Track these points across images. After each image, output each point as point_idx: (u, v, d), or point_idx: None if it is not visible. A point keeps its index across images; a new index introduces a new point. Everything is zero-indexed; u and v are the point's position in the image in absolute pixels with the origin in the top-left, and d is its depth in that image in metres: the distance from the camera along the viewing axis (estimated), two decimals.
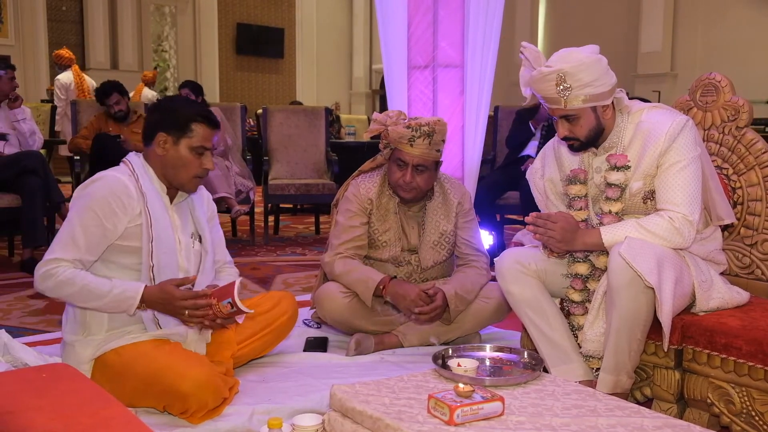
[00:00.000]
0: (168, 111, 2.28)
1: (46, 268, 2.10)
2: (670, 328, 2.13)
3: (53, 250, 2.13)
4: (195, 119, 2.24)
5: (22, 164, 4.35)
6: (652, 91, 9.16)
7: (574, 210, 2.35)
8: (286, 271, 4.50)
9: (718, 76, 2.50)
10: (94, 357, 2.18)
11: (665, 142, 2.17)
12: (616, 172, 2.25)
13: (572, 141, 2.27)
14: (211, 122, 2.28)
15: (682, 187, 2.15)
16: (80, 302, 2.13)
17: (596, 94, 2.18)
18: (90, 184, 2.21)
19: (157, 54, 14.30)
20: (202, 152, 2.26)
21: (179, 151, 2.24)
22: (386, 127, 2.75)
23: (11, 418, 1.53)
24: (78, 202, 2.19)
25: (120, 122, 5.35)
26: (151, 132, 2.27)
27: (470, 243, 2.94)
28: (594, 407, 1.74)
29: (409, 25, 3.56)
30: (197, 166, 2.26)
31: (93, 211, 2.14)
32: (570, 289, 2.36)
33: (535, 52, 2.27)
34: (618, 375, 2.16)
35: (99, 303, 2.11)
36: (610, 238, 2.17)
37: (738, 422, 2.04)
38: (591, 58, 2.17)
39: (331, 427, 1.81)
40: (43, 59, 12.03)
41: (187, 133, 2.24)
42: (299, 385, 2.42)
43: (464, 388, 1.67)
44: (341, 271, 2.80)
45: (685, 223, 2.14)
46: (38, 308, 3.62)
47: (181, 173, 2.25)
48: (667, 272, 2.04)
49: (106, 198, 2.15)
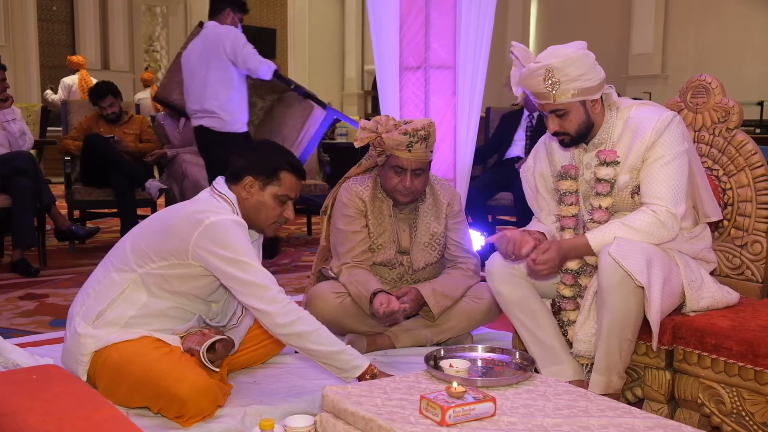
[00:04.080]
0: (259, 156, 2.32)
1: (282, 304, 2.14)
2: (662, 328, 2.15)
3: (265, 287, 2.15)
4: (284, 168, 2.28)
5: (12, 165, 4.34)
6: (643, 92, 9.19)
7: (565, 205, 2.36)
8: (278, 273, 4.49)
9: (709, 77, 2.51)
10: (96, 349, 2.16)
11: (651, 137, 2.18)
12: (605, 168, 2.26)
13: (563, 136, 2.29)
14: (299, 173, 2.31)
15: (666, 181, 2.17)
16: (310, 344, 2.17)
17: (585, 88, 2.20)
18: (225, 222, 2.17)
19: (149, 54, 14.24)
20: (285, 201, 2.29)
21: (263, 196, 2.27)
22: (379, 134, 2.72)
23: (3, 420, 1.53)
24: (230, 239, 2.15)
25: (112, 124, 5.34)
26: (240, 173, 2.28)
27: (460, 244, 2.94)
28: (585, 408, 1.75)
29: (402, 27, 3.56)
30: (278, 214, 2.30)
31: (248, 245, 2.20)
32: (561, 284, 2.37)
33: (525, 50, 2.30)
34: (609, 376, 2.17)
35: (329, 349, 2.16)
36: (597, 243, 2.18)
37: (728, 422, 2.05)
38: (578, 53, 2.19)
39: (324, 428, 1.81)
40: (34, 59, 11.96)
41: (275, 181, 2.27)
42: (291, 386, 2.42)
43: (456, 389, 1.67)
44: (345, 282, 2.80)
45: (669, 215, 2.15)
46: (29, 309, 3.60)
47: (261, 218, 2.29)
48: (656, 272, 2.05)
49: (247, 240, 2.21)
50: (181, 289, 2.21)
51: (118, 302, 2.18)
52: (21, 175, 4.32)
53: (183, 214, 2.21)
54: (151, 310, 2.19)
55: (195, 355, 2.16)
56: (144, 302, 2.19)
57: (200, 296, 2.26)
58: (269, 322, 2.14)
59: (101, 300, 2.19)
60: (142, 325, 2.18)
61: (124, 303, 2.18)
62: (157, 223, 2.28)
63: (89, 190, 5.17)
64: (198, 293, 2.25)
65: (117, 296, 2.18)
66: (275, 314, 2.12)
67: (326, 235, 3.05)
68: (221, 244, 2.13)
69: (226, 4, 4.42)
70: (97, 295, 2.21)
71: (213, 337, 2.21)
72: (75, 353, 2.18)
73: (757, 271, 2.38)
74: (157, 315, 2.20)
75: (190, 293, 2.23)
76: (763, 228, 2.37)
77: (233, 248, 2.13)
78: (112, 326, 2.17)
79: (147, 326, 2.19)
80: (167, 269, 2.17)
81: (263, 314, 2.13)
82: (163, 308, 2.21)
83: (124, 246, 2.26)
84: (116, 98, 5.34)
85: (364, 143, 2.78)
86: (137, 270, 2.19)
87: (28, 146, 4.77)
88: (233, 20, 4.44)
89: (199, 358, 2.15)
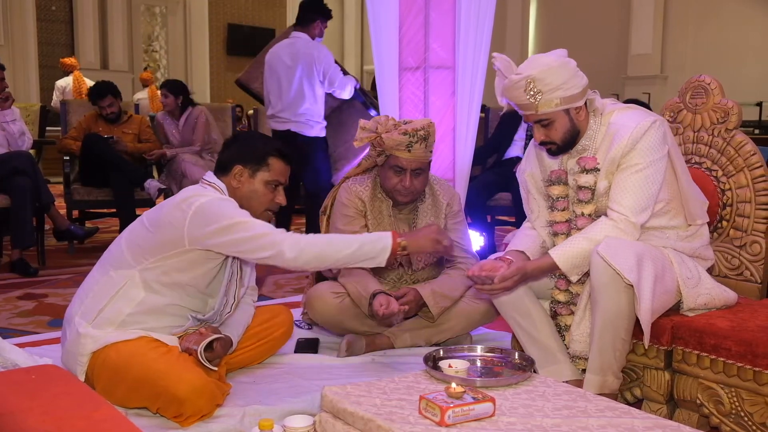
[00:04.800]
0: (247, 144, 2.35)
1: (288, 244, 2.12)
2: (661, 329, 2.15)
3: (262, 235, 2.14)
4: (272, 154, 2.31)
5: (11, 165, 4.34)
6: (643, 93, 9.20)
7: (557, 210, 2.36)
8: (277, 272, 4.48)
9: (708, 78, 2.51)
10: (94, 350, 2.16)
11: (628, 144, 2.19)
12: (585, 175, 2.28)
13: (550, 145, 2.29)
14: (287, 157, 2.34)
15: (633, 190, 2.17)
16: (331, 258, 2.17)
17: (567, 97, 2.20)
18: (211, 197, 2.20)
19: (148, 54, 14.23)
20: (276, 186, 2.32)
21: (254, 184, 2.30)
22: (379, 134, 2.72)
23: (2, 420, 1.53)
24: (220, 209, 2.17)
25: (111, 123, 5.33)
26: (228, 164, 2.31)
27: (459, 244, 2.94)
28: (584, 408, 1.75)
29: (401, 27, 3.56)
30: (270, 200, 2.32)
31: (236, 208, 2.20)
32: (555, 290, 2.38)
33: (506, 61, 2.28)
34: (604, 375, 2.17)
35: (349, 251, 2.15)
36: (562, 259, 2.19)
37: (727, 423, 2.05)
38: (558, 61, 2.19)
39: (323, 429, 1.81)
40: (33, 59, 11.96)
41: (263, 167, 2.30)
42: (290, 386, 2.42)
43: (455, 389, 1.67)
44: (344, 282, 2.81)
45: (628, 224, 2.17)
46: (27, 309, 3.60)
47: (253, 206, 2.29)
48: (646, 269, 2.06)
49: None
50: (181, 280, 2.21)
51: (115, 299, 2.18)
52: (20, 175, 4.31)
53: (172, 204, 2.22)
54: (148, 308, 2.19)
55: (193, 355, 2.17)
56: (141, 299, 2.19)
57: (199, 287, 2.26)
58: (281, 261, 2.15)
59: (100, 298, 2.19)
60: (138, 323, 2.18)
61: (121, 300, 2.18)
62: (149, 219, 2.28)
63: (88, 190, 5.17)
64: (197, 283, 2.25)
65: (115, 293, 2.19)
66: (284, 252, 2.12)
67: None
68: (213, 219, 2.14)
69: (317, 16, 4.71)
70: (95, 295, 2.21)
71: (210, 336, 2.21)
72: (74, 353, 2.18)
73: (756, 272, 2.38)
74: (154, 312, 2.20)
75: (190, 284, 2.23)
76: (761, 228, 2.37)
77: (225, 216, 2.14)
78: (109, 325, 2.17)
79: (142, 324, 2.19)
80: (166, 261, 2.18)
81: (273, 258, 2.14)
82: (160, 305, 2.21)
83: (119, 245, 2.27)
84: (116, 98, 5.34)
85: (364, 143, 2.78)
86: (135, 267, 2.19)
87: (27, 146, 4.77)
88: (321, 31, 4.76)
89: (197, 357, 2.15)
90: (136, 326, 2.18)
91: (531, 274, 2.25)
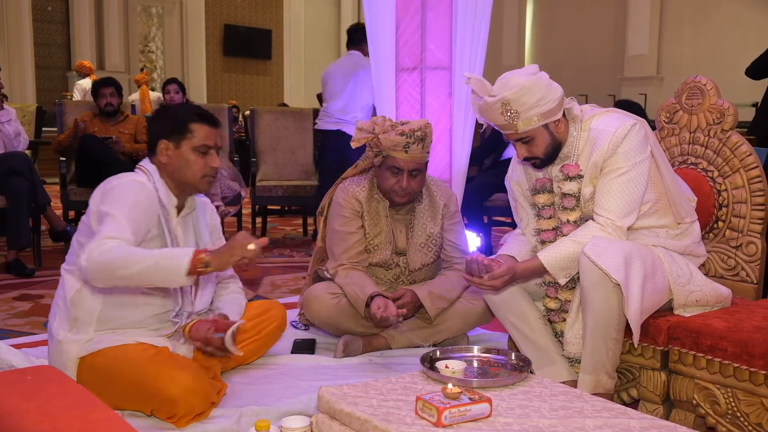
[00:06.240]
0: (165, 118, 2.32)
1: (94, 245, 1.98)
2: (657, 329, 2.15)
3: (100, 232, 2.02)
4: (192, 119, 2.25)
5: (7, 165, 4.33)
6: (639, 93, 9.22)
7: (543, 219, 2.37)
8: (273, 273, 4.48)
9: (704, 79, 2.52)
10: (80, 356, 2.16)
11: (609, 149, 2.19)
12: (569, 182, 2.28)
13: (533, 160, 2.30)
14: (209, 120, 2.28)
15: (617, 194, 2.18)
16: (122, 269, 1.95)
17: (545, 112, 2.20)
18: (122, 180, 2.17)
19: (144, 55, 14.22)
20: (206, 151, 2.26)
21: (182, 154, 2.24)
22: (376, 135, 2.72)
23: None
24: (113, 195, 2.11)
25: (106, 119, 5.31)
26: (154, 142, 2.27)
27: (455, 245, 2.95)
28: (581, 408, 1.75)
29: (398, 28, 3.56)
30: (202, 166, 2.25)
31: (134, 203, 2.12)
32: (546, 298, 2.39)
33: (479, 81, 2.27)
34: (597, 375, 2.17)
35: (141, 266, 1.95)
36: (550, 262, 2.20)
37: (723, 423, 2.05)
38: (530, 79, 2.18)
39: (319, 429, 1.81)
40: (29, 60, 11.94)
41: (187, 135, 2.24)
42: (287, 387, 2.42)
43: (452, 390, 1.67)
44: (341, 283, 2.80)
45: (615, 228, 2.18)
46: (24, 310, 3.59)
47: (188, 175, 2.25)
48: (635, 268, 2.06)
49: (139, 199, 2.15)
50: None
51: (80, 301, 2.17)
52: (16, 176, 4.30)
53: (97, 189, 2.19)
54: (116, 302, 2.17)
55: (214, 344, 2.11)
56: (104, 295, 2.16)
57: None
58: (82, 270, 2.00)
59: (66, 302, 2.19)
60: (116, 318, 2.17)
61: (87, 300, 2.17)
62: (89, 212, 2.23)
63: (84, 191, 5.15)
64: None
65: (74, 295, 2.17)
66: (81, 261, 1.97)
67: (322, 236, 3.04)
68: (105, 200, 2.09)
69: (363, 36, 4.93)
70: (63, 301, 2.21)
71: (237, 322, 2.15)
72: (61, 360, 2.16)
73: (752, 272, 2.39)
74: (126, 306, 2.18)
75: None
76: (757, 229, 2.38)
77: (113, 203, 2.07)
78: (88, 327, 2.17)
79: (122, 319, 2.17)
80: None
81: (81, 266, 1.99)
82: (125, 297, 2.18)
83: (73, 244, 2.24)
84: (117, 91, 5.35)
85: (361, 144, 2.78)
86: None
87: (23, 147, 4.77)
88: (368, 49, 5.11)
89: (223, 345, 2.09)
90: (116, 322, 2.17)
91: (521, 275, 2.26)
